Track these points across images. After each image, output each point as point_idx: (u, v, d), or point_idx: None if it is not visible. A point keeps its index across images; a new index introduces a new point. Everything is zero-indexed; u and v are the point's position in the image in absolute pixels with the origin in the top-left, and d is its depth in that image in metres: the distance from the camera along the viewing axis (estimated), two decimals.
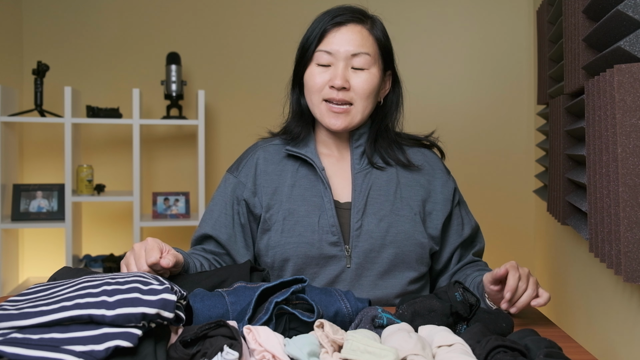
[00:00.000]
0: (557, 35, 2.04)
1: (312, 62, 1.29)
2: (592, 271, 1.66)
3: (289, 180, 1.31)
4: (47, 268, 2.97)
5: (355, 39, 1.26)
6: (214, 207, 1.35)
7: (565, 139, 1.75)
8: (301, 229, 1.26)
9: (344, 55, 1.26)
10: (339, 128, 1.28)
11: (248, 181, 1.33)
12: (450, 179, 1.38)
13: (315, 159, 1.31)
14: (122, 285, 0.82)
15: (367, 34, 1.28)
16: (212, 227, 1.33)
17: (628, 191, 1.06)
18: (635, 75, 1.05)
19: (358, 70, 1.27)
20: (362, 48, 1.26)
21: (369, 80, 1.27)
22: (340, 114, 1.27)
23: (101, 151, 3.07)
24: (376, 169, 1.32)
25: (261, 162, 1.34)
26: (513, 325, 0.98)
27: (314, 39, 1.27)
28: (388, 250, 1.26)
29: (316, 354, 0.80)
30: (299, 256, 1.25)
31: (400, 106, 1.38)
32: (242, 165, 1.36)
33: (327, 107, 1.27)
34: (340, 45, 1.26)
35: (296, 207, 1.28)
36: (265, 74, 3.06)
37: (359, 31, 1.27)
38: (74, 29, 3.05)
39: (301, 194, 1.29)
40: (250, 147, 1.41)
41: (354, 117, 1.28)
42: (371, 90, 1.28)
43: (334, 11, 1.29)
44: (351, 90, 1.26)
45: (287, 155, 1.34)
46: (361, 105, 1.27)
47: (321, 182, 1.29)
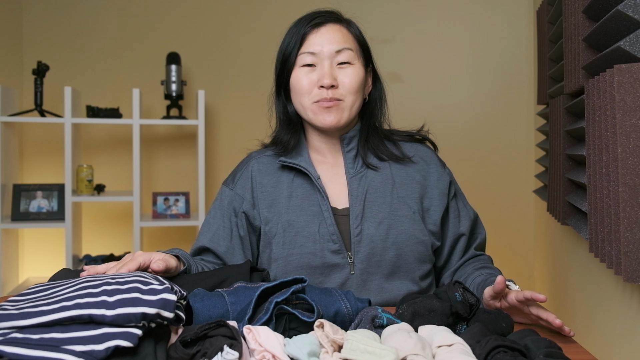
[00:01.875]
0: (557, 35, 2.04)
1: (296, 66, 1.29)
2: (592, 271, 1.66)
3: (286, 191, 1.31)
4: (47, 268, 2.97)
5: (336, 36, 1.29)
6: (211, 220, 1.35)
7: (565, 139, 1.75)
8: (302, 239, 1.26)
9: (328, 54, 1.27)
10: (331, 124, 1.27)
11: (246, 193, 1.33)
12: (445, 172, 1.37)
13: (310, 167, 1.30)
14: (122, 285, 0.82)
15: (346, 32, 1.31)
16: (210, 240, 1.33)
17: (628, 191, 1.06)
18: (635, 75, 1.05)
19: (344, 66, 1.28)
20: (344, 44, 1.28)
21: (355, 74, 1.28)
22: (331, 107, 1.27)
23: (101, 151, 3.07)
24: (371, 169, 1.32)
25: (256, 174, 1.34)
26: (513, 325, 0.98)
27: (295, 44, 1.29)
28: (390, 252, 1.26)
29: (316, 354, 0.80)
30: (303, 267, 1.25)
31: (384, 102, 1.39)
32: (237, 178, 1.36)
33: (318, 105, 1.27)
34: (323, 44, 1.27)
35: (295, 218, 1.27)
36: (265, 74, 3.04)
37: (338, 29, 1.30)
38: (74, 29, 3.05)
39: (299, 204, 1.29)
40: (244, 159, 1.41)
41: (344, 111, 1.28)
42: (359, 85, 1.29)
43: (309, 16, 1.31)
44: (340, 87, 1.27)
45: (281, 166, 1.34)
46: (350, 100, 1.28)
47: (317, 191, 1.29)
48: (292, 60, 1.29)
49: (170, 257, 1.13)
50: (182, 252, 1.22)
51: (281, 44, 1.33)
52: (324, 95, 1.26)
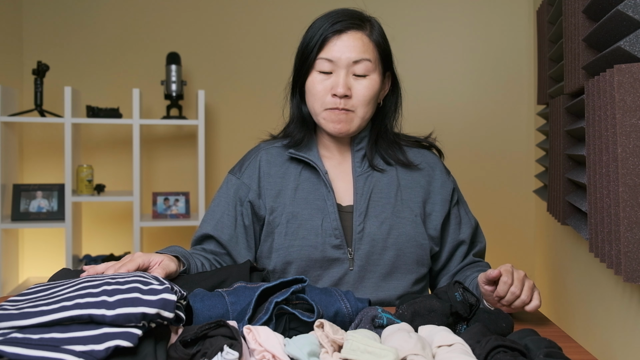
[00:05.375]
0: (557, 35, 2.04)
1: (314, 70, 1.28)
2: (592, 271, 1.66)
3: (292, 183, 1.31)
4: (47, 268, 2.97)
5: (356, 45, 1.26)
6: (215, 208, 1.35)
7: (565, 139, 1.75)
8: (304, 232, 1.27)
9: (346, 63, 1.26)
10: (340, 132, 1.28)
11: (252, 183, 1.33)
12: (449, 179, 1.39)
13: (318, 162, 1.31)
14: (122, 285, 0.82)
15: (368, 40, 1.28)
16: (214, 228, 1.33)
17: (628, 191, 1.06)
18: (635, 75, 1.05)
19: (359, 78, 1.27)
20: (363, 54, 1.26)
21: (370, 87, 1.27)
22: (342, 116, 1.27)
23: (101, 151, 3.07)
24: (377, 171, 1.33)
25: (264, 164, 1.34)
26: (513, 325, 0.98)
27: (315, 46, 1.27)
28: (389, 253, 1.27)
29: (316, 354, 0.80)
30: (302, 259, 1.26)
31: (399, 107, 1.39)
32: (244, 167, 1.36)
33: (329, 113, 1.27)
34: (342, 52, 1.26)
35: (299, 210, 1.28)
36: (265, 74, 3.06)
37: (359, 38, 1.27)
38: (74, 29, 3.05)
39: (304, 197, 1.30)
40: (253, 149, 1.41)
41: (354, 122, 1.28)
42: (372, 97, 1.28)
43: (333, 17, 1.28)
44: (353, 97, 1.26)
45: (290, 158, 1.34)
46: (362, 112, 1.28)
47: (324, 185, 1.30)
48: (310, 61, 1.28)
49: (170, 262, 1.12)
50: (181, 250, 1.22)
51: (302, 40, 1.31)
52: (336, 104, 1.26)
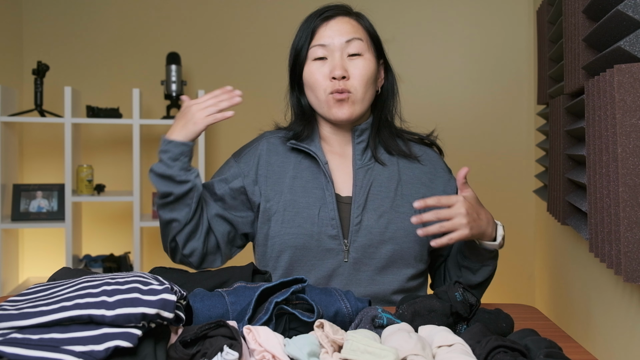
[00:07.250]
0: (557, 35, 2.04)
1: (308, 60, 1.31)
2: (592, 271, 1.66)
3: (291, 172, 1.32)
4: (47, 268, 2.97)
5: (345, 28, 1.30)
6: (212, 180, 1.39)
7: (565, 139, 1.75)
8: (301, 220, 1.27)
9: (339, 45, 1.28)
10: (344, 116, 1.29)
11: (250, 170, 1.34)
12: (452, 178, 1.40)
13: (319, 152, 1.32)
14: (121, 285, 0.82)
15: (356, 23, 1.33)
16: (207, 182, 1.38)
17: (628, 191, 1.06)
18: (635, 75, 1.05)
19: (354, 57, 1.29)
20: (354, 34, 1.30)
21: (366, 66, 1.29)
22: (344, 100, 1.28)
23: (101, 151, 3.07)
24: (379, 163, 1.33)
25: (264, 153, 1.36)
26: (513, 325, 0.98)
27: (306, 38, 1.31)
28: (386, 247, 1.27)
29: (316, 354, 0.80)
30: (297, 247, 1.27)
31: (396, 94, 1.40)
32: (244, 153, 1.38)
33: (332, 98, 1.28)
34: (333, 36, 1.29)
35: (297, 199, 1.29)
36: (265, 74, 3.06)
37: (347, 21, 1.32)
38: (74, 29, 3.05)
39: (302, 186, 1.31)
40: (257, 137, 1.43)
41: (355, 104, 1.29)
42: (369, 76, 1.30)
43: (319, 11, 1.33)
44: (351, 78, 1.28)
45: (291, 148, 1.36)
46: (361, 92, 1.29)
47: (323, 175, 1.31)
48: (303, 54, 1.31)
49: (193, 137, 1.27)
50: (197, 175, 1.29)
51: (293, 41, 1.34)
52: (336, 86, 1.27)
